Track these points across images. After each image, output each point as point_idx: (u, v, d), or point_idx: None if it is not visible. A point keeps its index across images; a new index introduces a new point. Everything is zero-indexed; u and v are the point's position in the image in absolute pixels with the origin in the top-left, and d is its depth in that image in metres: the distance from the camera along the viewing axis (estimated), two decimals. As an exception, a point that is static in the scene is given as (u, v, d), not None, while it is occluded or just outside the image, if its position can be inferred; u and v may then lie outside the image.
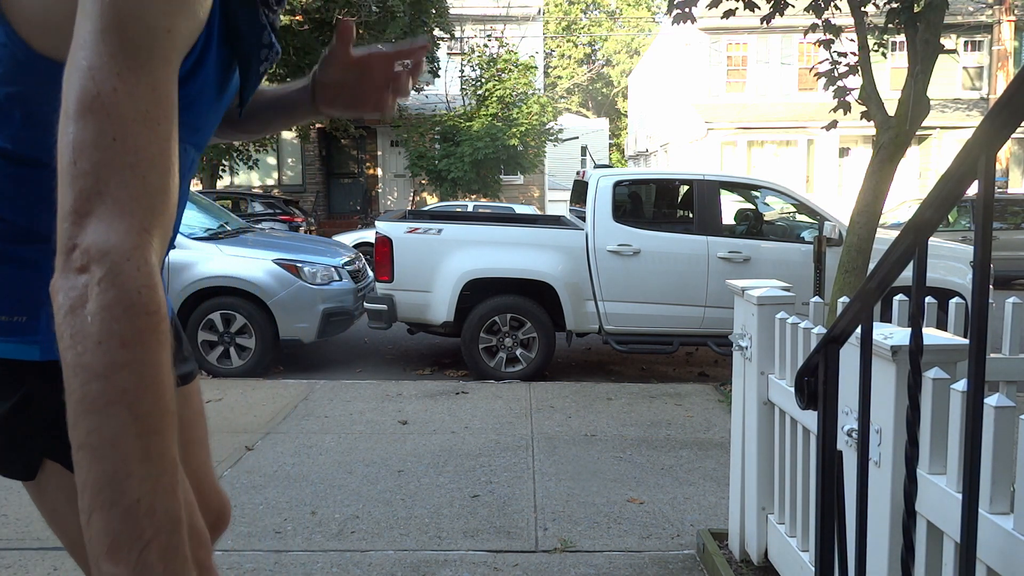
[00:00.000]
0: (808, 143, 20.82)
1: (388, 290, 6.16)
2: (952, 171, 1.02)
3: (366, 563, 2.93)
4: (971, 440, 1.03)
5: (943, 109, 20.12)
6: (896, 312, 2.65)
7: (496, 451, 4.24)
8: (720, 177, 6.92)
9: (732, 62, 22.03)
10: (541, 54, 22.21)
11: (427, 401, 5.24)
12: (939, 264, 6.37)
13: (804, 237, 6.52)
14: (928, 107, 5.06)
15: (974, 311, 1.00)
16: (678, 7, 5.61)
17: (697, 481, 3.84)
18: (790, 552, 2.52)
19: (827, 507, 1.51)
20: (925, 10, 4.87)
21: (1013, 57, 20.70)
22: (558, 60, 43.35)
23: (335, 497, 3.56)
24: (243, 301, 6.12)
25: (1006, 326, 2.78)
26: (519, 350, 6.21)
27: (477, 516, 3.38)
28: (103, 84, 0.70)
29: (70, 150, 0.69)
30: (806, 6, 5.65)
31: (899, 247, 1.17)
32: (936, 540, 1.60)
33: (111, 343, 0.66)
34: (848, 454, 1.78)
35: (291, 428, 4.59)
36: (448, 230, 6.26)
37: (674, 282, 6.22)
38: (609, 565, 2.95)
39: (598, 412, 5.03)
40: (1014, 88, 0.89)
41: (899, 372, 1.70)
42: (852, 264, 5.04)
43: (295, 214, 13.91)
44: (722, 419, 4.82)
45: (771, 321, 2.65)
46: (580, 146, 25.36)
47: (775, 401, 2.64)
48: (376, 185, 20.30)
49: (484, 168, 16.33)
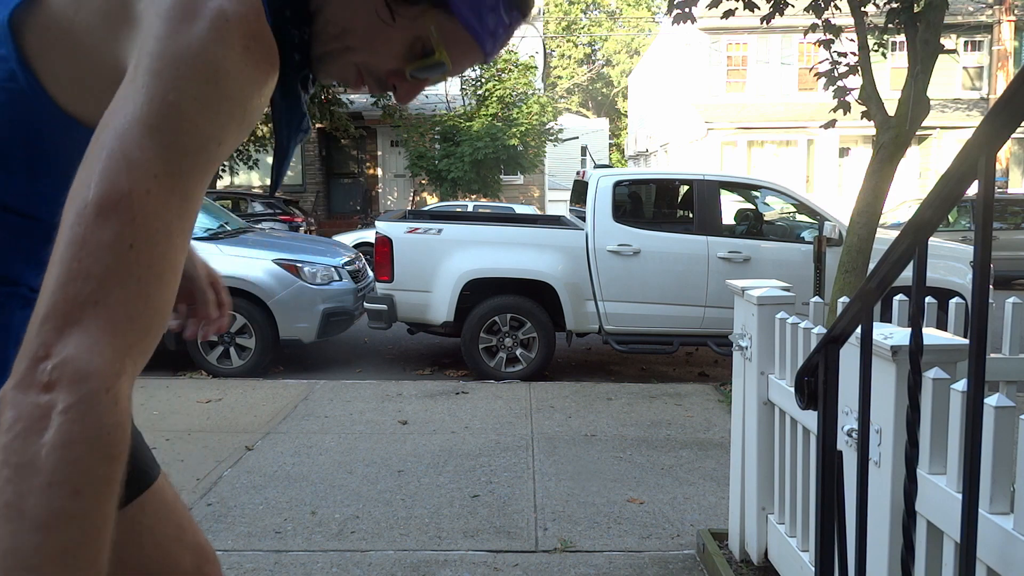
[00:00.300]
0: (808, 143, 20.82)
1: (388, 290, 6.16)
2: (952, 171, 1.02)
3: (366, 563, 2.93)
4: (971, 440, 1.03)
5: (943, 109, 20.12)
6: (896, 312, 2.65)
7: (496, 451, 4.24)
8: (720, 177, 6.92)
9: (732, 62, 22.03)
10: (541, 54, 22.21)
11: (427, 401, 5.24)
12: (939, 264, 6.37)
13: (804, 237, 6.52)
14: (928, 107, 5.06)
15: (974, 311, 1.00)
16: (678, 7, 5.62)
17: (697, 481, 3.84)
18: (790, 552, 2.52)
19: (827, 507, 1.51)
20: (925, 10, 4.87)
21: (1013, 57, 20.70)
22: (558, 60, 43.35)
23: (335, 497, 3.56)
24: (243, 301, 6.12)
25: (1006, 326, 2.78)
26: (519, 350, 6.21)
27: (477, 516, 3.38)
28: (137, 184, 0.62)
29: (77, 246, 0.60)
30: (806, 6, 5.64)
31: (899, 247, 1.17)
32: (936, 540, 1.60)
33: (63, 488, 0.55)
34: (848, 454, 1.78)
35: (291, 428, 4.59)
36: (448, 230, 6.26)
37: (674, 282, 6.22)
38: (609, 565, 2.95)
39: (598, 412, 5.03)
40: (1014, 88, 0.89)
41: (899, 372, 1.70)
42: (852, 264, 5.04)
43: (295, 214, 13.91)
44: (722, 419, 4.82)
45: (771, 321, 2.65)
46: (580, 146, 25.34)
47: (775, 401, 2.64)
48: (376, 185, 20.30)
49: (484, 168, 16.32)
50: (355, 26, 0.84)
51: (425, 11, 0.83)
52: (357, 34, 0.84)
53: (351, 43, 0.85)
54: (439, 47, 0.85)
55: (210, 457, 4.05)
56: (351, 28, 0.84)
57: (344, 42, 0.85)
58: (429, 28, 0.84)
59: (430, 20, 0.84)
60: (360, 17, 0.83)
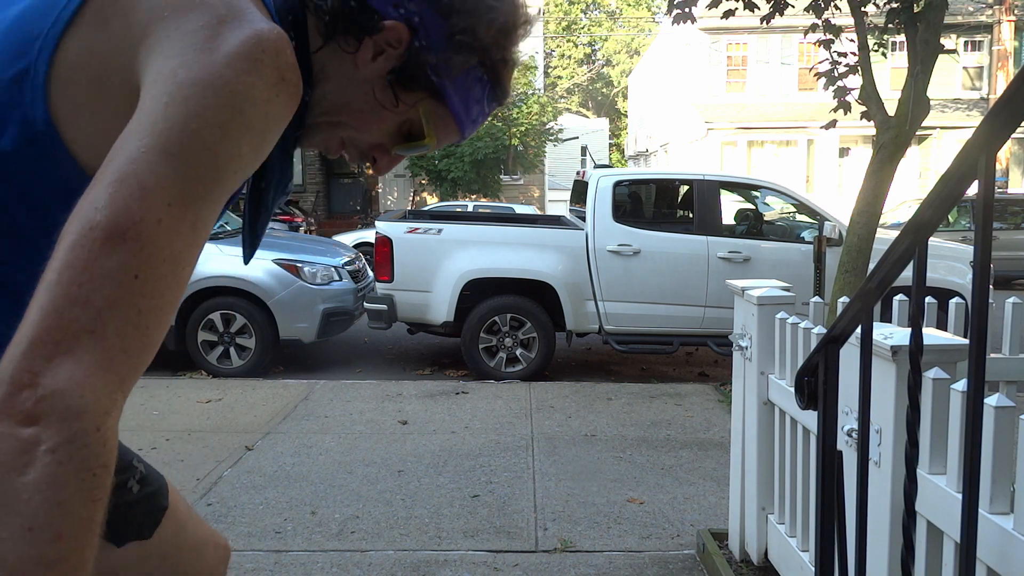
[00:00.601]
0: (808, 143, 20.82)
1: (388, 290, 6.16)
2: (952, 171, 1.02)
3: (366, 563, 2.93)
4: (971, 440, 1.03)
5: (943, 109, 20.12)
6: (896, 312, 2.65)
7: (496, 451, 4.24)
8: (720, 177, 6.92)
9: (732, 62, 22.03)
10: (541, 54, 22.21)
11: (427, 401, 5.24)
12: (939, 264, 6.37)
13: (804, 237, 6.52)
14: (928, 107, 5.06)
15: (974, 311, 1.00)
16: (678, 7, 5.62)
17: (697, 481, 3.84)
18: (790, 552, 2.52)
19: (827, 507, 1.51)
20: (925, 10, 4.87)
21: (1013, 57, 20.70)
22: (558, 60, 43.36)
23: (335, 497, 3.56)
24: (243, 301, 6.12)
25: (1006, 326, 2.78)
26: (519, 350, 6.21)
27: (477, 516, 3.38)
28: (149, 212, 0.60)
29: (78, 270, 0.56)
30: (806, 6, 5.64)
31: (899, 247, 1.17)
32: (936, 540, 1.60)
33: (44, 533, 0.51)
34: (848, 454, 1.78)
35: (291, 428, 4.59)
36: (448, 230, 6.26)
37: (674, 282, 6.22)
38: (609, 565, 2.95)
39: (598, 412, 5.03)
40: (1014, 88, 0.89)
41: (899, 372, 1.70)
42: (852, 264, 5.04)
43: (295, 214, 13.91)
44: (722, 419, 4.82)
45: (771, 321, 2.65)
46: (580, 146, 25.35)
47: (775, 401, 2.64)
48: (376, 185, 20.32)
49: (484, 168, 16.34)
50: (351, 105, 0.86)
51: (422, 99, 0.87)
52: (352, 112, 0.87)
53: (344, 119, 0.87)
54: (430, 131, 0.90)
55: (210, 457, 4.05)
56: (347, 106, 0.86)
57: (338, 117, 0.87)
58: (420, 112, 0.88)
59: (422, 106, 0.88)
60: (358, 97, 0.86)
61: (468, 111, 0.90)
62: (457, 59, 0.85)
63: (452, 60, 0.85)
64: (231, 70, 0.65)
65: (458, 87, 0.87)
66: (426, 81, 0.86)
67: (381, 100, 0.86)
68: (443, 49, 0.84)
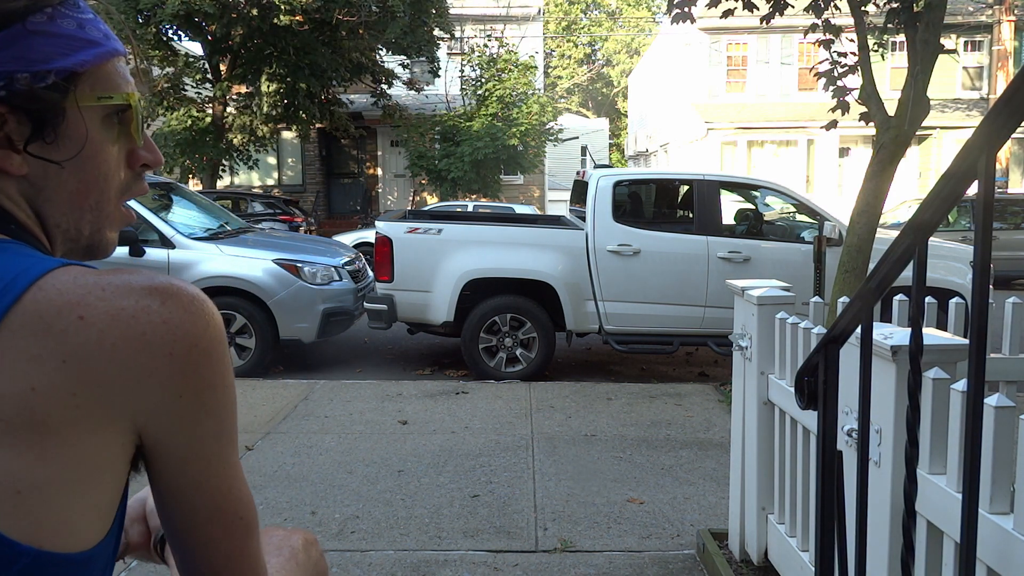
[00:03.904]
0: (808, 143, 20.81)
1: (388, 290, 6.16)
2: (952, 171, 1.02)
3: (366, 563, 2.93)
4: (971, 440, 1.03)
5: (943, 109, 20.11)
6: (896, 312, 2.65)
7: (496, 451, 4.24)
8: (720, 177, 6.92)
9: (732, 62, 22.02)
10: (541, 54, 22.22)
11: (427, 401, 5.24)
12: (939, 264, 6.36)
13: (804, 237, 6.52)
14: (928, 107, 5.06)
15: (974, 311, 1.00)
16: (677, 7, 5.61)
17: (697, 481, 3.84)
18: (790, 552, 2.52)
19: (827, 507, 1.51)
20: (925, 10, 4.87)
21: (1013, 57, 20.70)
22: (558, 60, 43.36)
23: (335, 497, 3.56)
24: (243, 301, 6.12)
25: (1006, 326, 2.78)
26: (519, 350, 6.21)
27: (477, 516, 3.38)
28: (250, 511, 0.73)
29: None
30: (806, 6, 5.64)
31: (899, 247, 1.17)
32: (936, 540, 1.60)
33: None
34: (848, 454, 1.78)
35: (291, 428, 4.59)
36: (448, 230, 6.26)
37: (674, 282, 6.22)
38: (609, 565, 2.95)
39: (598, 412, 5.03)
40: (1014, 88, 0.89)
41: (899, 372, 1.70)
42: (852, 264, 5.04)
43: (295, 214, 13.90)
44: (722, 419, 4.82)
45: (771, 321, 2.65)
46: (580, 146, 25.37)
47: (775, 401, 2.64)
48: (376, 185, 20.30)
49: (484, 168, 16.32)
50: (77, 188, 0.71)
51: (65, 117, 0.68)
52: (88, 188, 0.72)
53: (92, 197, 0.72)
54: (107, 97, 0.70)
55: (210, 457, 4.05)
56: (79, 190, 0.71)
57: (86, 201, 0.72)
58: (79, 113, 0.69)
59: (74, 114, 0.68)
60: (69, 182, 0.70)
61: (84, 30, 0.68)
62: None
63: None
64: (223, 382, 0.73)
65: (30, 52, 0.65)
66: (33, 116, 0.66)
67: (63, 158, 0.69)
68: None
